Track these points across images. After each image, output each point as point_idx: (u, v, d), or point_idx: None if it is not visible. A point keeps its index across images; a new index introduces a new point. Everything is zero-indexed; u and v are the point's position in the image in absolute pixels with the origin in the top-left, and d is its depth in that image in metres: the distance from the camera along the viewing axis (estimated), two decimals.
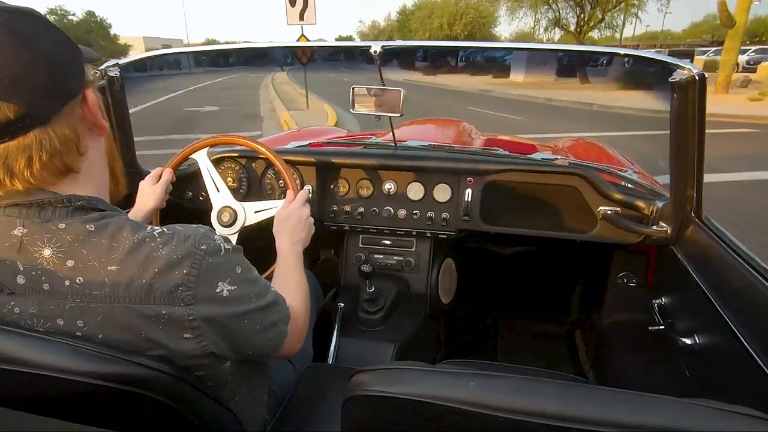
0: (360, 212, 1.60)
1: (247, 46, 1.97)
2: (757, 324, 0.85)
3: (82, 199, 0.64)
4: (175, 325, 0.62)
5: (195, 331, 0.63)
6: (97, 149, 0.69)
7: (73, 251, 0.61)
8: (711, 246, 1.06)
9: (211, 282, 0.64)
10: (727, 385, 0.94)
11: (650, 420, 0.46)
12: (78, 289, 0.60)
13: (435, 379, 0.53)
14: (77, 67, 0.63)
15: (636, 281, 1.61)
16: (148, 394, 0.60)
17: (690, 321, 1.15)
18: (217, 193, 1.37)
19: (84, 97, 0.64)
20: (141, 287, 0.60)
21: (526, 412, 0.47)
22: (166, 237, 0.64)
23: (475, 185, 1.50)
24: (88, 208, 0.64)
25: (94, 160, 0.68)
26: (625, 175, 1.58)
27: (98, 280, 0.60)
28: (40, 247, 0.60)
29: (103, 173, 0.71)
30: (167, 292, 0.61)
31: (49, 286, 0.61)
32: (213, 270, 0.64)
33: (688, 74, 0.98)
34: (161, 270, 0.61)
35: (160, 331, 0.62)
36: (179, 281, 0.61)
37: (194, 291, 0.62)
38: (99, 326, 0.61)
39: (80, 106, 0.63)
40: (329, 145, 1.85)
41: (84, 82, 0.64)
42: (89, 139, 0.66)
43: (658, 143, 1.17)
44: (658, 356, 1.30)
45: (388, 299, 1.51)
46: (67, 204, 0.62)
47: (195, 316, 0.62)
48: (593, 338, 1.81)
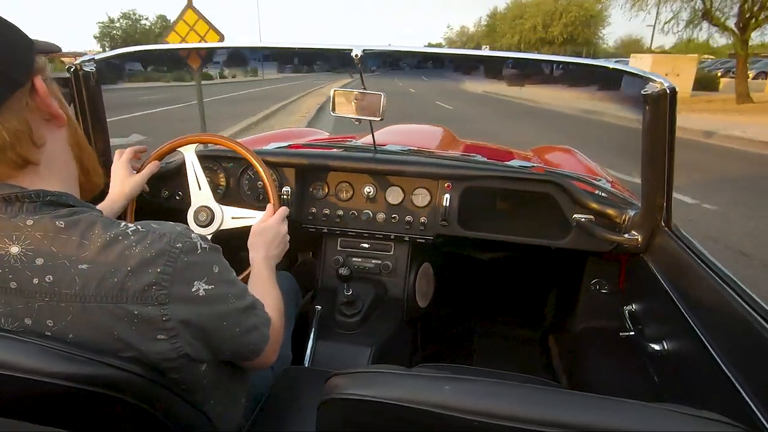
0: (339, 215, 1.60)
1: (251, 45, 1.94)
2: (722, 331, 0.88)
3: (51, 194, 0.62)
4: (148, 325, 0.60)
5: (169, 332, 0.61)
6: (58, 140, 0.66)
7: (42, 249, 0.59)
8: (679, 254, 1.09)
9: (187, 281, 0.62)
10: (694, 390, 0.97)
11: (620, 424, 0.47)
12: (47, 288, 0.58)
13: (410, 383, 0.54)
14: (22, 57, 0.61)
15: (608, 288, 1.64)
16: (119, 396, 0.58)
17: (659, 327, 1.18)
18: (198, 192, 1.35)
19: (33, 86, 0.61)
20: (113, 286, 0.58)
21: (500, 416, 0.48)
22: (140, 234, 0.62)
23: (453, 190, 1.51)
24: (58, 204, 0.62)
25: (55, 152, 0.66)
26: (598, 184, 1.62)
27: (68, 278, 0.58)
28: (8, 245, 0.58)
29: (68, 165, 0.69)
30: (140, 291, 0.59)
31: (17, 284, 0.59)
32: (189, 269, 0.63)
33: (659, 87, 1.01)
34: (134, 268, 0.59)
35: (132, 331, 0.60)
36: (153, 280, 0.60)
37: (168, 290, 0.60)
38: (69, 326, 0.59)
39: (29, 97, 0.61)
40: (309, 147, 1.85)
41: (31, 71, 0.61)
42: (46, 130, 0.64)
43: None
44: (629, 361, 1.33)
45: (366, 303, 1.51)
46: (35, 199, 0.61)
47: (169, 317, 0.61)
48: (566, 343, 1.84)
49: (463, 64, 1.62)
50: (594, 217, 1.40)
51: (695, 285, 1.00)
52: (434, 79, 2.91)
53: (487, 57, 1.56)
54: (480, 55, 1.71)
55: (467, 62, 1.61)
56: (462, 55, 1.53)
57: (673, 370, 1.08)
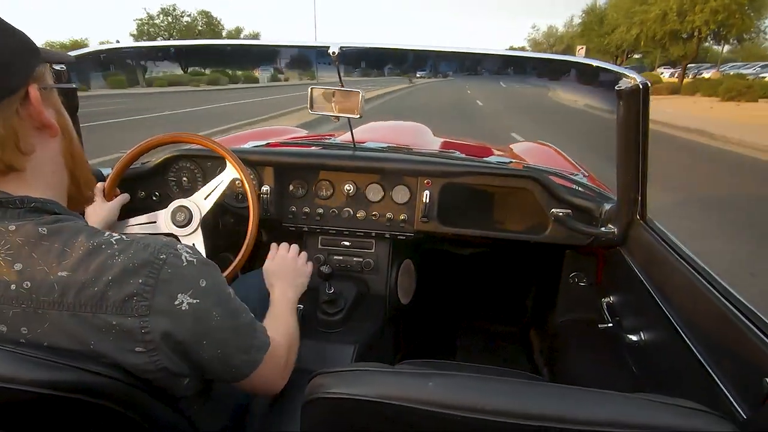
0: (319, 213, 1.59)
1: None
2: (696, 321, 0.90)
3: (36, 201, 0.61)
4: (126, 337, 0.58)
5: (148, 345, 0.59)
6: (49, 149, 0.65)
7: (22, 255, 0.57)
8: (654, 246, 1.12)
9: (170, 293, 0.60)
10: (670, 379, 0.99)
11: (600, 415, 0.48)
12: (25, 294, 0.57)
13: (394, 380, 0.54)
14: (18, 65, 0.59)
15: (586, 281, 1.67)
16: (99, 402, 0.57)
17: (636, 318, 1.21)
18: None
19: (26, 94, 0.60)
20: (93, 295, 0.57)
21: (483, 411, 0.48)
22: (124, 244, 0.61)
23: (432, 187, 1.52)
24: (42, 211, 0.61)
25: (44, 161, 0.64)
26: (575, 179, 1.64)
27: (47, 285, 0.57)
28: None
29: (57, 175, 0.67)
30: (120, 302, 0.58)
31: None
32: (172, 281, 0.61)
33: (633, 83, 1.03)
34: (115, 278, 0.58)
35: (110, 342, 0.58)
36: (134, 291, 0.58)
37: (150, 302, 0.59)
38: (44, 334, 0.58)
39: (20, 104, 0.60)
40: (288, 146, 1.83)
41: (26, 79, 0.60)
42: (36, 138, 0.62)
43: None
44: (607, 353, 1.35)
45: (348, 300, 1.50)
46: (19, 205, 0.59)
47: (148, 329, 0.59)
48: (547, 337, 1.87)
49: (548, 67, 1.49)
50: (571, 211, 1.42)
51: (670, 276, 1.02)
52: (514, 84, 2.74)
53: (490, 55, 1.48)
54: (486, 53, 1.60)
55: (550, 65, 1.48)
56: (480, 55, 1.39)
57: (650, 360, 1.10)
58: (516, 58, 1.52)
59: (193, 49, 1.78)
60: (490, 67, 1.60)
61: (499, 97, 15.41)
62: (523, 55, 1.40)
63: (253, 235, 1.33)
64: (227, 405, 0.92)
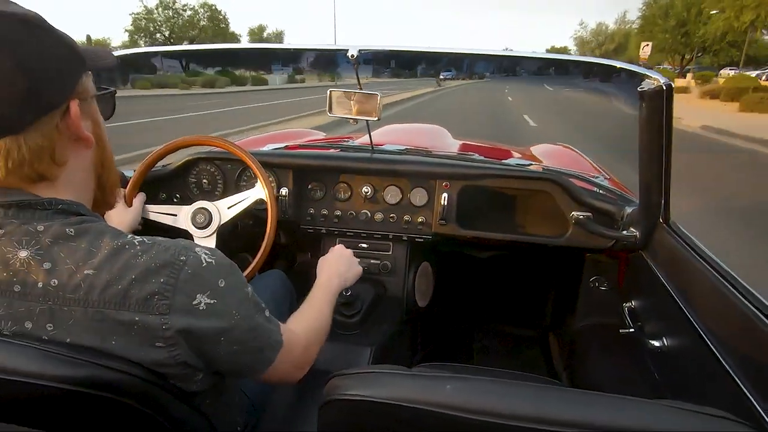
0: (337, 215, 1.60)
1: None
2: (721, 326, 0.88)
3: (63, 203, 0.63)
4: (147, 333, 0.61)
5: (167, 341, 0.61)
6: (81, 159, 0.67)
7: (51, 253, 0.60)
8: (678, 250, 1.09)
9: (189, 293, 0.62)
10: (694, 386, 0.97)
11: (621, 421, 0.47)
12: (52, 292, 0.59)
13: (411, 383, 0.54)
14: (64, 79, 0.61)
15: (607, 285, 1.64)
16: (118, 398, 0.58)
17: (658, 324, 1.18)
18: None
19: (67, 109, 0.61)
20: (117, 293, 0.59)
21: (501, 415, 0.48)
22: (146, 245, 0.63)
23: (451, 189, 1.51)
24: (69, 212, 0.63)
25: (76, 170, 0.66)
26: (596, 181, 1.62)
27: (74, 283, 0.59)
28: (17, 249, 0.59)
29: (87, 182, 0.69)
30: (142, 300, 0.60)
31: (21, 288, 0.59)
32: (192, 281, 0.63)
33: (656, 84, 1.01)
34: (138, 277, 0.60)
35: (131, 338, 0.60)
36: (155, 290, 0.60)
37: (170, 301, 0.61)
38: (68, 330, 0.59)
39: (61, 119, 0.61)
40: (306, 148, 1.84)
41: (70, 94, 0.62)
42: (71, 150, 0.64)
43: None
44: (629, 358, 1.33)
45: (365, 303, 1.50)
46: (47, 207, 0.62)
47: (168, 326, 0.61)
48: (566, 341, 1.84)
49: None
50: (592, 214, 1.40)
51: (694, 281, 1.00)
52: (561, 87, 2.52)
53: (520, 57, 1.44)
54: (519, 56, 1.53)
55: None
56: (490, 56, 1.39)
57: (673, 366, 1.08)
58: (532, 59, 1.49)
59: (221, 52, 1.80)
60: (528, 68, 1.57)
61: (551, 107, 13.33)
62: (536, 56, 1.37)
63: (271, 237, 1.34)
64: (243, 403, 0.93)
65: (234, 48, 2.03)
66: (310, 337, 0.88)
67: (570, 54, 32.19)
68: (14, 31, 0.56)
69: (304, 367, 0.85)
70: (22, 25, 0.57)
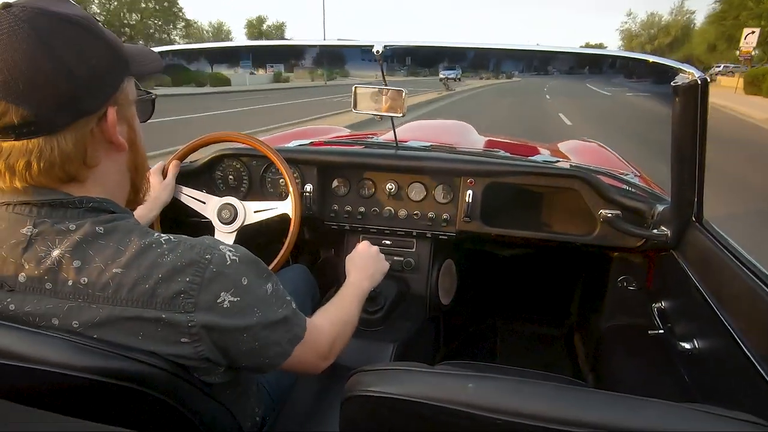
0: (360, 212, 1.60)
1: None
2: (757, 330, 0.85)
3: (94, 200, 0.64)
4: (173, 330, 0.62)
5: (192, 337, 0.63)
6: (114, 162, 0.68)
7: (81, 252, 0.61)
8: (711, 250, 1.06)
9: (213, 291, 0.63)
10: (726, 391, 0.94)
11: (648, 424, 0.46)
12: (81, 289, 0.60)
13: (434, 380, 0.53)
14: (105, 84, 0.62)
15: (636, 285, 1.61)
16: (142, 389, 0.60)
17: (689, 325, 1.15)
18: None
19: (104, 114, 0.63)
20: (144, 292, 0.60)
21: (525, 415, 0.47)
22: (173, 244, 0.64)
23: (476, 186, 1.50)
24: (100, 210, 0.65)
25: (107, 173, 0.67)
26: (626, 179, 1.58)
27: (102, 281, 0.60)
28: (50, 248, 0.61)
29: (120, 185, 0.71)
30: (169, 298, 0.61)
31: (52, 285, 0.61)
32: (216, 280, 0.64)
33: (690, 78, 0.98)
34: (165, 276, 0.61)
35: (157, 333, 0.62)
36: (182, 288, 0.61)
37: (196, 299, 0.62)
38: (95, 327, 0.61)
39: (96, 123, 0.62)
40: (331, 145, 1.85)
41: (109, 99, 0.63)
42: (104, 153, 0.65)
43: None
44: (657, 360, 1.30)
45: (388, 299, 1.51)
46: (78, 206, 0.63)
47: (194, 323, 0.62)
48: (592, 341, 1.81)
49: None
50: (621, 212, 1.37)
51: (729, 282, 0.97)
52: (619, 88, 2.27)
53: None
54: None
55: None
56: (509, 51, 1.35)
57: (704, 369, 1.05)
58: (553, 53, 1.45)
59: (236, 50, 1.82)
60: (560, 67, 1.51)
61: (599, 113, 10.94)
62: (563, 50, 1.32)
63: (294, 233, 1.35)
64: (262, 396, 0.94)
65: (261, 44, 2.04)
66: (337, 331, 0.89)
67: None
68: (59, 32, 0.57)
69: (330, 359, 0.86)
70: (67, 26, 0.58)
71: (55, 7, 0.58)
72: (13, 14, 0.56)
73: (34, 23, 0.56)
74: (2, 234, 0.62)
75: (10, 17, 0.55)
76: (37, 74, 0.55)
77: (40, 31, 0.56)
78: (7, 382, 0.61)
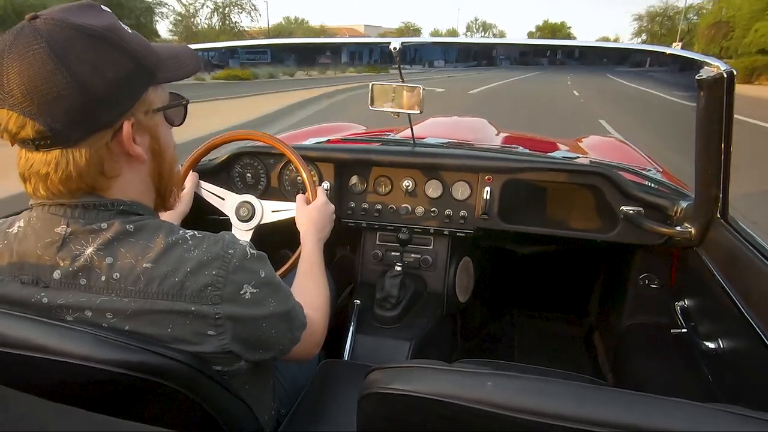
0: (377, 209, 1.60)
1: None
2: None
3: (124, 203, 0.67)
4: (201, 321, 0.64)
5: (218, 329, 0.65)
6: (137, 172, 0.69)
7: (113, 249, 0.63)
8: (737, 248, 1.03)
9: (237, 284, 0.67)
10: (751, 391, 0.92)
11: (671, 424, 0.45)
12: (114, 284, 0.63)
13: (451, 378, 0.53)
14: (122, 98, 0.62)
15: (658, 283, 1.58)
16: (163, 382, 0.61)
17: (714, 324, 1.13)
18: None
19: (120, 127, 0.63)
20: (174, 285, 0.63)
21: (544, 414, 0.47)
22: (197, 240, 0.67)
23: (494, 183, 1.48)
24: (129, 212, 0.67)
25: (130, 182, 0.68)
26: (648, 175, 1.55)
27: (134, 275, 0.62)
28: (83, 246, 0.63)
29: (144, 192, 0.72)
30: (197, 291, 0.64)
31: (86, 281, 0.63)
32: (239, 272, 0.67)
33: (716, 71, 0.96)
34: (192, 270, 0.64)
35: (186, 326, 0.64)
36: (208, 281, 0.64)
37: (221, 291, 0.65)
38: (127, 319, 0.63)
39: (112, 137, 0.63)
40: (348, 142, 1.85)
41: (125, 112, 0.63)
42: (124, 164, 0.66)
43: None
44: (680, 360, 1.27)
45: (405, 297, 1.50)
46: (110, 208, 0.65)
47: (220, 315, 0.65)
48: (612, 340, 1.78)
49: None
50: (643, 209, 1.35)
51: (755, 281, 0.94)
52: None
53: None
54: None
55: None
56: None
57: (728, 369, 1.03)
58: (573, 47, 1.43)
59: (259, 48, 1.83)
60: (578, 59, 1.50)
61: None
62: (579, 44, 1.30)
63: None
64: (279, 391, 0.96)
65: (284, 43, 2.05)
66: (325, 313, 0.95)
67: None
68: (74, 46, 0.57)
69: (319, 344, 0.90)
70: (85, 39, 0.58)
71: (78, 17, 0.58)
72: (35, 27, 0.57)
73: (51, 37, 0.56)
74: (38, 233, 0.64)
75: (31, 30, 0.56)
76: (51, 89, 0.56)
77: (55, 45, 0.56)
78: (30, 374, 0.62)
